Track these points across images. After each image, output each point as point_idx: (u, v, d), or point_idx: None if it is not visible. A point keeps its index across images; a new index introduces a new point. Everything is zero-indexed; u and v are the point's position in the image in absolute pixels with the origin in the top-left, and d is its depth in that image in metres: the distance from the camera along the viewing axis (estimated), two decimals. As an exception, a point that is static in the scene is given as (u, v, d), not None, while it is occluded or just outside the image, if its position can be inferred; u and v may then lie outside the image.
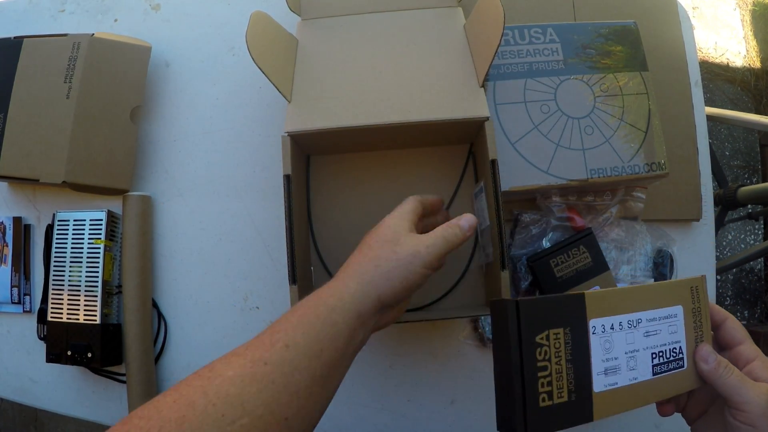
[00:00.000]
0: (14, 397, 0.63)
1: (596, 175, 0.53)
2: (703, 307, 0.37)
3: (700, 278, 0.37)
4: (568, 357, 0.31)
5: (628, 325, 0.34)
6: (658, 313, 0.35)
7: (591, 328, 0.32)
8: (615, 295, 0.34)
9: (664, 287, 0.36)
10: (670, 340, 0.35)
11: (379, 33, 0.56)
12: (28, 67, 0.60)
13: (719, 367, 0.36)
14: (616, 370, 0.33)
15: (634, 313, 0.34)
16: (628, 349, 0.33)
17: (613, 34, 0.57)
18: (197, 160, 0.64)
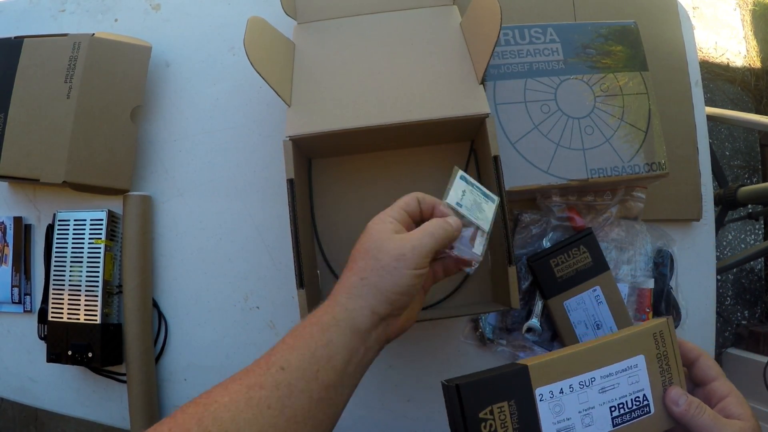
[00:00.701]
0: (14, 397, 0.63)
1: (596, 175, 0.53)
2: (669, 349, 0.37)
3: (663, 322, 0.37)
4: (515, 426, 0.33)
5: (579, 386, 0.35)
6: (615, 367, 0.36)
7: (538, 397, 0.34)
8: (562, 361, 0.35)
9: (620, 342, 0.36)
10: (630, 391, 0.36)
11: (375, 34, 0.56)
12: (29, 67, 0.60)
13: (690, 407, 0.36)
14: (569, 429, 0.34)
15: (585, 374, 0.35)
16: (581, 408, 0.34)
17: (613, 34, 0.57)
18: (197, 160, 0.64)
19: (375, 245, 0.36)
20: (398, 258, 0.35)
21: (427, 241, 0.36)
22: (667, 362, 0.37)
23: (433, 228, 0.37)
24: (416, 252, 0.35)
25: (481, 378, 0.34)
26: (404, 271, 0.34)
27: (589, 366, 0.35)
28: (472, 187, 0.41)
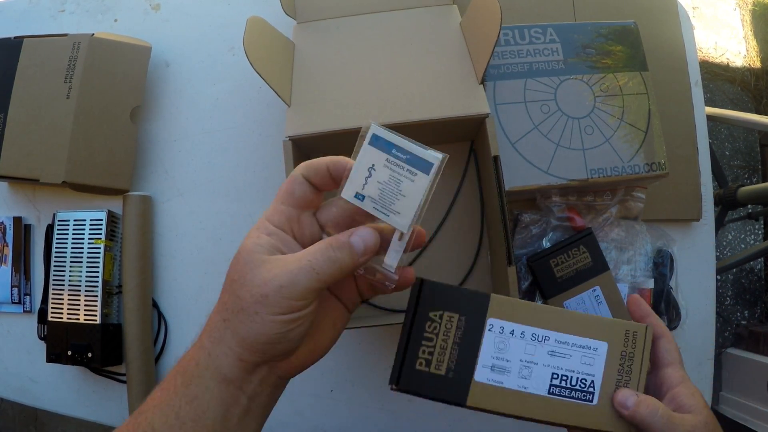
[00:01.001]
0: (14, 397, 0.63)
1: (596, 175, 0.53)
2: (638, 355, 0.36)
3: (643, 327, 0.37)
4: (456, 340, 0.34)
5: (531, 338, 0.35)
6: (574, 339, 0.35)
7: (488, 326, 0.34)
8: (525, 308, 0.35)
9: (591, 320, 0.36)
10: (580, 370, 0.35)
11: (375, 34, 0.56)
12: (28, 67, 0.60)
13: (640, 407, 0.34)
14: (504, 371, 0.34)
15: (542, 329, 0.35)
16: (524, 358, 0.34)
17: (613, 34, 0.57)
18: (197, 160, 0.64)
19: (239, 276, 0.27)
20: (259, 300, 0.26)
21: (302, 279, 0.26)
22: (631, 365, 0.36)
23: (320, 258, 0.27)
24: (284, 293, 0.26)
25: (447, 285, 0.35)
26: (267, 317, 0.26)
27: (550, 325, 0.35)
28: (391, 154, 0.28)
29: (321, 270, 0.27)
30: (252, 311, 0.26)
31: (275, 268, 0.27)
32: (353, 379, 0.59)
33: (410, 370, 0.34)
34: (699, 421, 0.34)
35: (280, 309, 0.26)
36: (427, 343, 0.34)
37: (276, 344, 0.27)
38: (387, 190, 0.28)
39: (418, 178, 0.28)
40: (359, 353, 0.59)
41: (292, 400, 0.58)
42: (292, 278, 0.26)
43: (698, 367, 0.59)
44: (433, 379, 0.34)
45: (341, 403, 0.59)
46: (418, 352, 0.34)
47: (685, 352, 0.59)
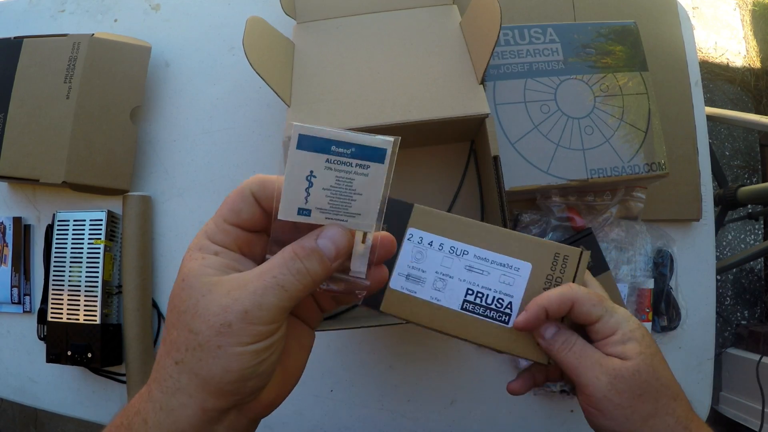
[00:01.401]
0: (14, 397, 0.62)
1: (596, 175, 0.53)
2: (567, 281, 0.33)
3: (577, 251, 0.33)
4: None
5: (450, 251, 0.34)
6: (495, 256, 0.33)
7: (408, 234, 0.34)
8: (447, 220, 0.34)
9: (516, 238, 0.34)
10: (498, 289, 0.33)
11: (375, 34, 0.56)
12: (28, 67, 0.60)
13: (555, 342, 0.31)
14: (419, 281, 0.34)
15: (462, 243, 0.33)
16: (440, 271, 0.34)
17: (613, 33, 0.57)
18: (197, 160, 0.63)
19: (188, 305, 0.23)
20: (221, 331, 0.22)
21: (269, 299, 0.22)
22: None
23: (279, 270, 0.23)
24: (250, 318, 0.22)
25: None
26: (233, 350, 0.22)
27: (471, 240, 0.33)
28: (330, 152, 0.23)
29: (289, 285, 0.23)
30: (213, 345, 0.22)
31: (234, 290, 0.22)
32: (353, 379, 0.59)
33: None
34: (627, 367, 0.30)
35: (248, 338, 0.22)
36: None
37: (247, 381, 0.23)
38: (338, 195, 0.24)
39: (372, 170, 0.24)
40: (359, 353, 0.59)
41: (292, 400, 0.58)
42: (257, 300, 0.22)
43: (698, 367, 0.59)
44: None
45: (341, 403, 0.59)
46: None
47: (685, 352, 0.59)
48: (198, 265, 0.23)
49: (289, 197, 0.24)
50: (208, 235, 0.25)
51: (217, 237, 0.25)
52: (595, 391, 0.30)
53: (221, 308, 0.22)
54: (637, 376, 0.30)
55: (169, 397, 0.23)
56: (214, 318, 0.22)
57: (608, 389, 0.30)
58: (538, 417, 0.58)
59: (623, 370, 0.30)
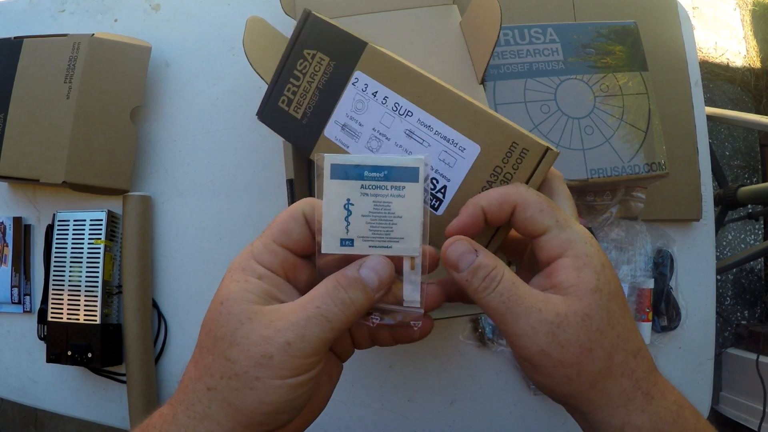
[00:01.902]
0: (14, 397, 0.62)
1: (596, 175, 0.53)
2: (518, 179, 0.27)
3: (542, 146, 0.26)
4: (319, 85, 0.31)
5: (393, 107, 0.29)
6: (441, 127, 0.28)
7: (353, 78, 0.30)
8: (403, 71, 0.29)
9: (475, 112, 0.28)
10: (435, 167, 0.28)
11: (374, 34, 0.56)
12: (28, 67, 0.60)
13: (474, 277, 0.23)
14: (354, 134, 0.30)
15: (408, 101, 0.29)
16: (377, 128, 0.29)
17: (613, 34, 0.57)
18: (197, 160, 0.64)
19: (226, 332, 0.22)
20: (260, 363, 0.21)
21: (313, 331, 0.22)
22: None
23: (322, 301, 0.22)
24: (292, 351, 0.21)
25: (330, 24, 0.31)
26: (271, 383, 0.21)
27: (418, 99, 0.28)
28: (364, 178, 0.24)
29: (333, 316, 0.22)
30: (251, 377, 0.21)
31: (276, 320, 0.22)
32: (353, 379, 0.59)
33: (273, 105, 0.33)
34: (571, 309, 0.22)
35: (288, 371, 0.21)
36: (294, 81, 0.32)
37: (280, 414, 0.22)
38: (378, 220, 0.24)
39: (407, 190, 0.24)
40: (359, 353, 0.59)
41: (292, 400, 0.58)
42: (300, 332, 0.21)
43: (698, 367, 0.59)
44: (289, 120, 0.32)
45: (341, 403, 0.59)
46: (283, 90, 0.32)
47: (685, 352, 0.59)
48: (238, 289, 0.22)
49: (330, 230, 0.24)
50: (254, 255, 0.24)
51: (264, 258, 0.24)
52: (528, 344, 0.23)
53: (262, 339, 0.21)
54: (587, 323, 0.22)
55: (196, 423, 0.22)
56: (254, 348, 0.21)
57: (547, 342, 0.22)
58: (538, 417, 0.58)
59: (569, 314, 0.22)
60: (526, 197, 0.24)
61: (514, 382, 0.58)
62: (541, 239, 0.24)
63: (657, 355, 0.58)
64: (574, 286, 0.23)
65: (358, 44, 0.30)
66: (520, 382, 0.58)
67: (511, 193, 0.25)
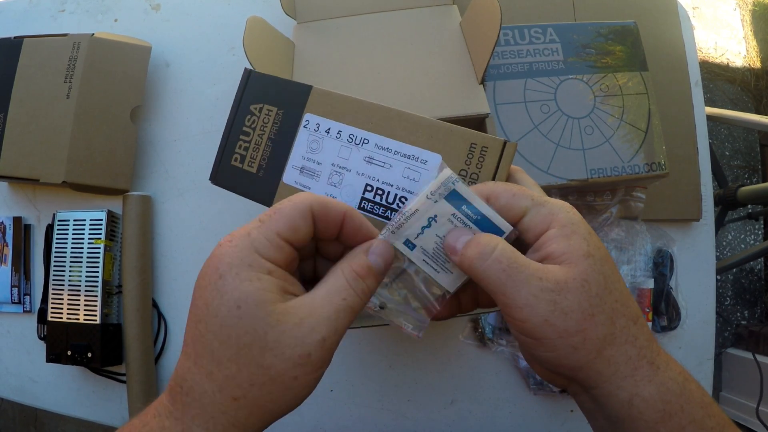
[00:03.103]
0: (14, 397, 0.62)
1: (596, 175, 0.53)
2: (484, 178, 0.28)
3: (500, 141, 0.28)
4: (271, 136, 0.31)
5: (348, 139, 0.29)
6: (398, 146, 0.28)
7: (304, 121, 0.31)
8: (346, 102, 0.30)
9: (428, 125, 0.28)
10: (402, 185, 0.28)
11: (375, 34, 0.56)
12: (28, 67, 0.60)
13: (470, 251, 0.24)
14: (314, 174, 0.30)
15: (362, 130, 0.29)
16: (336, 162, 0.30)
17: (613, 33, 0.57)
18: (197, 160, 0.63)
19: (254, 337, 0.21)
20: (299, 363, 0.21)
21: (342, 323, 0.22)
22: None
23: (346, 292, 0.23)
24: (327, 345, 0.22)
25: (272, 77, 0.32)
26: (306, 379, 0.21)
27: (371, 126, 0.29)
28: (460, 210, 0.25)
29: (356, 305, 0.23)
30: (289, 377, 0.21)
31: (306, 318, 0.21)
32: (353, 379, 0.59)
33: (226, 165, 0.33)
34: (569, 275, 0.22)
35: (324, 364, 0.22)
36: (244, 138, 0.32)
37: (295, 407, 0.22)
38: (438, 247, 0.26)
39: None
40: (359, 353, 0.59)
41: (292, 400, 0.58)
42: (333, 326, 0.22)
43: (698, 367, 0.59)
44: (245, 176, 0.32)
45: (341, 403, 0.59)
46: (234, 147, 0.32)
47: (685, 352, 0.59)
48: (255, 289, 0.21)
49: (406, 226, 0.25)
50: (257, 249, 0.22)
51: (270, 253, 0.22)
52: (531, 314, 0.22)
53: (297, 340, 0.21)
54: (586, 287, 0.22)
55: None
56: (290, 351, 0.21)
57: (549, 311, 0.22)
58: (538, 417, 0.58)
59: (568, 281, 0.22)
60: (495, 188, 0.25)
61: (514, 382, 0.58)
62: (523, 221, 0.24)
63: (657, 355, 0.58)
64: (566, 253, 0.23)
65: (304, 89, 0.31)
66: (520, 382, 0.58)
67: (481, 190, 0.25)
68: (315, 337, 0.21)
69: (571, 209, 0.24)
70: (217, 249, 0.22)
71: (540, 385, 0.57)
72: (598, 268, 0.23)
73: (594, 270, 0.22)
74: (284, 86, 0.31)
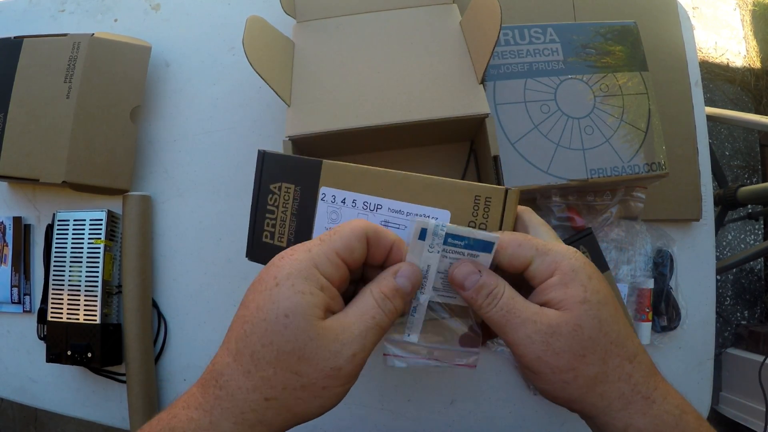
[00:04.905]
0: (14, 397, 0.62)
1: (596, 175, 0.53)
2: (493, 226, 0.30)
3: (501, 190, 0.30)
4: (293, 211, 0.34)
5: (363, 206, 0.32)
6: (409, 207, 0.31)
7: (321, 195, 0.34)
8: (358, 173, 0.33)
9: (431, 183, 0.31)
10: None
11: (375, 33, 0.56)
12: (28, 67, 0.60)
13: (477, 295, 0.27)
14: None
15: (374, 196, 0.32)
16: None
17: (613, 33, 0.57)
18: (197, 160, 0.64)
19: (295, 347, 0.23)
20: (330, 375, 0.23)
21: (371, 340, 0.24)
22: None
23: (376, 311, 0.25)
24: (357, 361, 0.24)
25: (284, 156, 0.35)
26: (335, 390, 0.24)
27: (382, 192, 0.32)
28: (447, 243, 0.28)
29: (384, 324, 0.25)
30: (319, 387, 0.23)
31: (341, 334, 0.24)
32: (353, 379, 0.59)
33: (258, 242, 0.35)
34: (562, 319, 0.25)
35: (353, 378, 0.24)
36: (269, 216, 0.35)
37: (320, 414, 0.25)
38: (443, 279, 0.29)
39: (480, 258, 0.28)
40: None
41: (292, 400, 0.58)
42: (362, 342, 0.24)
43: (698, 367, 0.58)
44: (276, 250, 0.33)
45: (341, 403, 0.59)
46: (263, 226, 0.35)
47: (685, 352, 0.59)
48: (306, 302, 0.23)
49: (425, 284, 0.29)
50: (317, 264, 0.25)
51: (327, 269, 0.25)
52: (527, 351, 0.25)
53: (332, 354, 0.23)
54: (578, 332, 0.24)
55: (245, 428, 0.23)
56: (324, 363, 0.23)
57: (543, 350, 0.25)
58: (538, 417, 0.58)
59: (561, 325, 0.25)
60: (502, 240, 0.27)
61: (514, 382, 0.58)
62: (529, 270, 0.27)
63: (657, 355, 0.58)
64: (564, 300, 0.25)
65: (315, 164, 0.33)
66: (520, 382, 0.58)
67: None
68: (347, 352, 0.23)
69: (574, 255, 0.26)
70: (277, 259, 0.25)
71: (540, 385, 0.57)
72: (594, 313, 0.25)
73: (588, 315, 0.25)
74: (297, 163, 0.34)
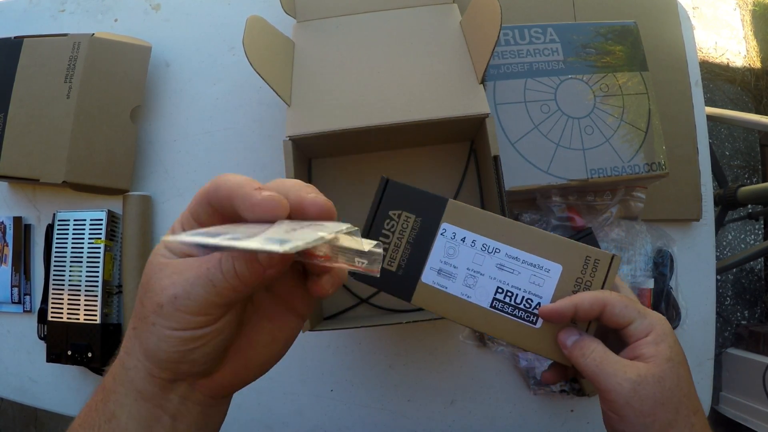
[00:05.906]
0: (14, 397, 0.62)
1: (596, 175, 0.53)
2: (597, 285, 0.34)
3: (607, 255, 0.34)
4: (410, 240, 0.35)
5: (482, 248, 0.35)
6: (526, 256, 0.34)
7: (441, 230, 0.35)
8: (481, 216, 0.35)
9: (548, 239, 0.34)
10: (528, 289, 0.34)
11: (375, 33, 0.56)
12: (28, 67, 0.60)
13: (575, 349, 0.32)
14: (450, 276, 0.35)
15: (494, 240, 0.34)
16: (471, 267, 0.35)
17: (613, 33, 0.57)
18: (197, 160, 0.63)
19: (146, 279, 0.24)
20: (155, 310, 0.23)
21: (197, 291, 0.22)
22: None
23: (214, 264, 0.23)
24: (177, 305, 0.22)
25: (409, 187, 0.36)
26: (163, 331, 0.23)
27: (503, 238, 0.34)
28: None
29: (218, 282, 0.22)
30: (149, 322, 0.23)
31: (174, 273, 0.23)
32: (353, 379, 0.59)
33: None
34: (649, 372, 0.30)
35: (176, 323, 0.22)
36: (384, 239, 0.35)
37: (178, 363, 0.23)
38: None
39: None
40: (359, 353, 0.59)
41: (292, 400, 0.58)
42: (187, 288, 0.22)
43: (698, 367, 0.59)
44: (385, 273, 0.35)
45: (341, 403, 0.59)
46: None
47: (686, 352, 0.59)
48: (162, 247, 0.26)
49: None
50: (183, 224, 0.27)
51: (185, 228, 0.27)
52: (617, 396, 0.30)
53: (160, 288, 0.23)
54: (661, 383, 0.30)
55: (128, 357, 0.24)
56: (155, 296, 0.23)
57: (631, 395, 0.30)
58: (538, 417, 0.58)
59: (648, 376, 0.30)
60: (612, 300, 0.32)
61: (514, 382, 0.58)
62: (629, 328, 0.32)
63: (657, 355, 0.58)
64: (654, 356, 0.31)
65: (441, 201, 0.35)
66: (520, 382, 0.58)
67: (600, 297, 0.32)
68: (170, 291, 0.23)
69: (665, 321, 0.32)
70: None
71: (540, 385, 0.57)
72: (675, 370, 0.31)
73: (671, 371, 0.30)
74: (421, 196, 0.36)
